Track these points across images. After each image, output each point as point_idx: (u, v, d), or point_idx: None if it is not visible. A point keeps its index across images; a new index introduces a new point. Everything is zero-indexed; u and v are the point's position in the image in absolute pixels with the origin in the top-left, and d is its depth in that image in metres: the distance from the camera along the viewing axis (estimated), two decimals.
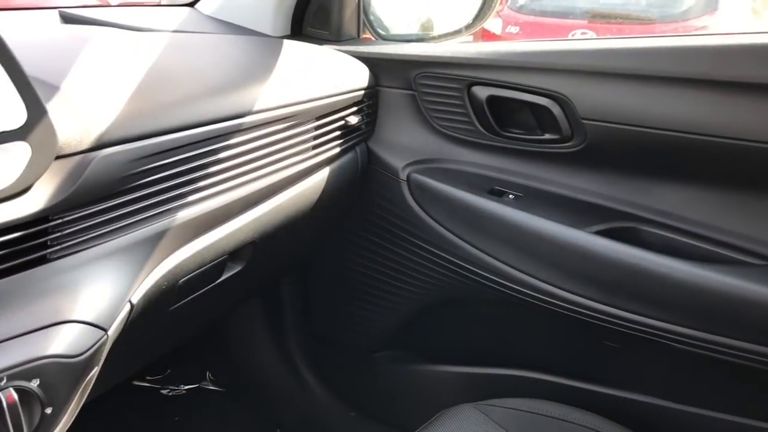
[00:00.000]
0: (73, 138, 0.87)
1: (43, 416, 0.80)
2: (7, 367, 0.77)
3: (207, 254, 1.09)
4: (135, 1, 5.22)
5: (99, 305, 0.88)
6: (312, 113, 1.27)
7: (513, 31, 6.68)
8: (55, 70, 0.97)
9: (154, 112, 0.99)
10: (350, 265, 1.65)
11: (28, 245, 0.84)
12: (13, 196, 0.81)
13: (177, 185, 1.01)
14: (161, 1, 2.32)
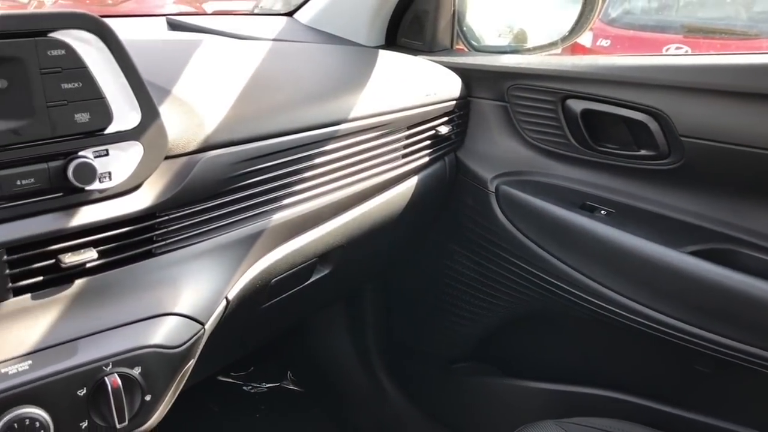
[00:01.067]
0: (182, 139, 0.92)
1: (143, 403, 0.84)
2: (113, 354, 0.81)
3: (298, 256, 1.12)
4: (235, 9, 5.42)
5: (198, 300, 0.92)
6: (404, 122, 1.29)
7: (604, 44, 6.53)
8: (165, 74, 1.02)
9: (257, 118, 1.03)
10: (434, 273, 1.65)
11: (137, 239, 0.89)
12: (125, 193, 0.86)
13: (274, 188, 1.04)
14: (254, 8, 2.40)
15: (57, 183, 0.80)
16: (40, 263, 0.81)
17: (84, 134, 0.82)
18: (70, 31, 0.80)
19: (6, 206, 0.78)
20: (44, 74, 0.78)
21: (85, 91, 0.81)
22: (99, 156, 0.83)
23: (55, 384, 0.77)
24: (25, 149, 0.78)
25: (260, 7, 2.80)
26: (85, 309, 0.84)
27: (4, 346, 0.77)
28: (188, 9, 5.28)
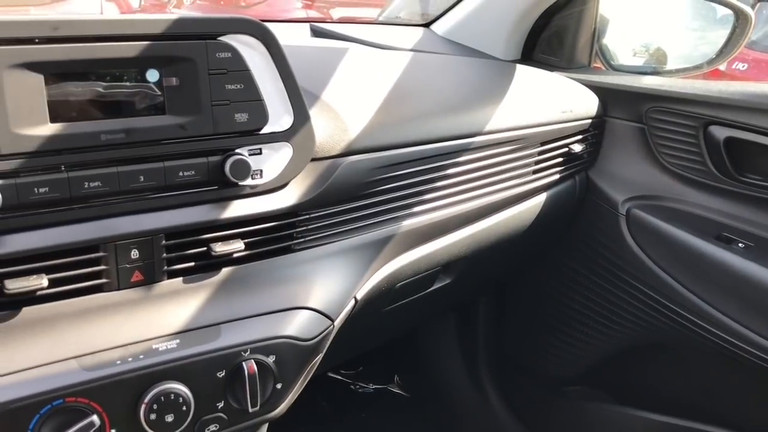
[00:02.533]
0: (327, 143, 0.96)
1: (274, 390, 0.88)
2: (251, 340, 0.86)
3: (423, 263, 1.14)
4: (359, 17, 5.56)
5: (330, 297, 0.96)
6: (537, 138, 1.28)
7: (740, 68, 6.18)
8: (314, 80, 1.07)
9: (396, 126, 1.06)
10: (552, 292, 1.63)
11: (279, 235, 0.93)
12: (273, 190, 0.91)
13: (407, 195, 1.07)
14: (378, 16, 2.45)
15: (214, 177, 0.86)
16: (193, 250, 0.87)
17: (242, 133, 0.87)
18: (237, 36, 0.85)
19: (168, 195, 0.84)
20: (212, 75, 0.84)
21: (246, 92, 0.86)
22: (253, 154, 0.88)
23: (199, 364, 0.82)
24: (189, 143, 0.84)
25: (385, 15, 2.87)
26: (228, 296, 0.89)
27: (156, 324, 0.84)
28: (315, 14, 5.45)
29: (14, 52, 0.73)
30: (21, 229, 0.77)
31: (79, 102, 0.78)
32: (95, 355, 0.79)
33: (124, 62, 0.79)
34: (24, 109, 0.74)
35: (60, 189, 0.77)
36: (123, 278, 0.83)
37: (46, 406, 0.74)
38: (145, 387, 0.79)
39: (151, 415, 0.79)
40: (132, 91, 0.81)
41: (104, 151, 0.79)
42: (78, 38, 0.76)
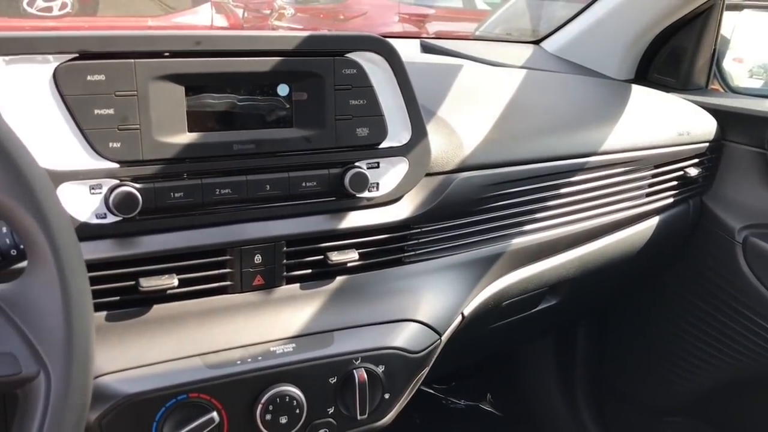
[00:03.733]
0: (442, 159, 0.97)
1: (382, 400, 0.90)
2: (362, 349, 0.88)
3: (531, 283, 1.13)
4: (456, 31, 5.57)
5: (438, 311, 0.97)
6: (652, 160, 1.25)
7: None
8: (428, 95, 1.08)
9: (510, 143, 1.06)
10: (658, 319, 1.58)
11: (391, 247, 0.95)
12: (388, 203, 0.93)
13: (518, 213, 1.07)
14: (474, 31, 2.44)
15: (334, 188, 0.89)
16: (311, 258, 0.90)
17: (361, 147, 0.89)
18: (362, 53, 0.88)
19: (291, 204, 0.87)
20: (337, 90, 0.87)
21: (368, 107, 0.89)
22: (371, 167, 0.91)
23: (313, 369, 0.85)
24: (312, 155, 0.87)
25: (482, 30, 2.87)
26: (341, 304, 0.92)
27: (274, 327, 0.87)
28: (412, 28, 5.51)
29: (160, 64, 0.78)
30: (156, 231, 0.82)
31: (214, 113, 0.82)
32: (218, 353, 0.83)
33: (259, 76, 0.83)
34: (165, 119, 0.79)
35: (193, 194, 0.81)
36: (246, 281, 0.87)
37: (171, 400, 0.78)
38: (262, 388, 0.82)
39: (266, 415, 0.82)
40: (263, 104, 0.84)
41: (235, 160, 0.83)
42: (217, 52, 0.81)
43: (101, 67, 0.75)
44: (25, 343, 0.50)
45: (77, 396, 0.51)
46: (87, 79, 0.75)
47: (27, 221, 0.51)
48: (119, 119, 0.77)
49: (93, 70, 0.75)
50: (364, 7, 5.81)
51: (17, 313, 0.51)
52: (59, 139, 0.75)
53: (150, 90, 0.78)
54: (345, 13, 5.99)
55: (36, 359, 0.50)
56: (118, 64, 0.76)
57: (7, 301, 0.51)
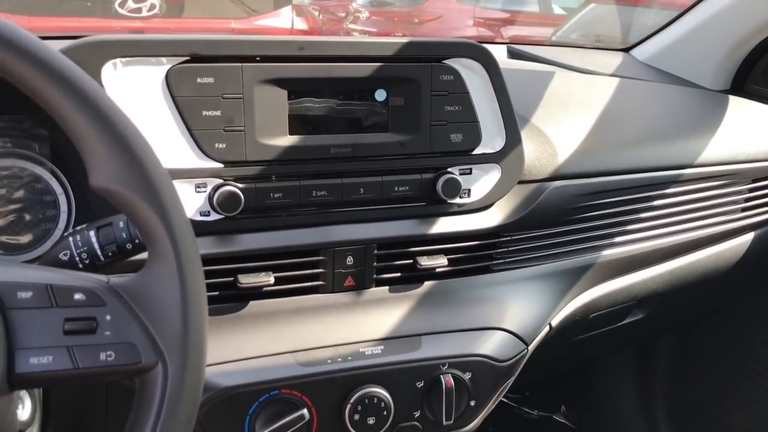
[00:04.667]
0: (535, 167, 0.96)
1: (467, 407, 0.90)
2: (450, 355, 0.88)
3: (620, 296, 1.11)
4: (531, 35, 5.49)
5: (525, 321, 0.96)
6: (749, 174, 1.21)
7: None
8: (520, 102, 1.08)
9: (603, 152, 1.05)
10: (748, 338, 1.52)
11: (480, 254, 0.95)
12: (478, 210, 0.93)
13: (610, 224, 1.05)
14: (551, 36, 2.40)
15: (426, 193, 0.89)
16: (401, 261, 0.91)
17: (455, 153, 0.90)
18: (460, 59, 0.88)
19: (383, 208, 0.88)
20: (434, 96, 0.87)
21: (463, 114, 0.89)
22: (463, 173, 0.91)
23: (401, 372, 0.86)
24: (406, 160, 0.88)
25: (558, 36, 2.82)
26: (429, 309, 0.92)
27: (363, 328, 0.88)
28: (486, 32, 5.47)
29: (266, 69, 0.80)
30: (254, 230, 0.84)
31: (314, 117, 0.84)
32: (309, 352, 0.84)
33: (358, 82, 0.84)
34: (268, 121, 0.81)
35: (292, 195, 0.83)
36: (337, 282, 0.88)
37: (264, 395, 0.80)
38: (351, 388, 0.84)
39: (355, 415, 0.83)
40: (361, 108, 0.86)
41: (332, 163, 0.85)
42: (320, 58, 0.82)
43: (210, 71, 0.78)
44: (145, 334, 0.52)
45: (192, 388, 0.53)
46: (197, 82, 0.78)
47: (150, 217, 0.53)
48: (225, 121, 0.79)
49: (203, 73, 0.78)
50: (439, 11, 5.81)
51: (138, 304, 0.53)
52: (169, 139, 0.78)
53: (255, 93, 0.80)
54: (420, 17, 5.99)
55: (155, 350, 0.52)
56: (226, 67, 0.79)
57: (129, 292, 0.53)
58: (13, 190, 0.81)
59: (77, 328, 0.51)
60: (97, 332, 0.52)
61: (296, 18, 4.32)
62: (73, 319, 0.51)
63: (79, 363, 0.51)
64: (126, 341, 0.52)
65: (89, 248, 0.65)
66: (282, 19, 4.21)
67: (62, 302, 0.51)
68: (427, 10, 6.06)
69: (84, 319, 0.52)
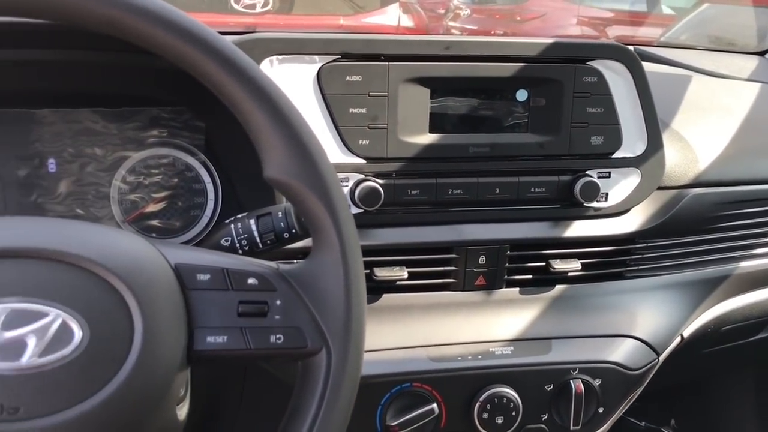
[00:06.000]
0: (675, 173, 0.94)
1: (596, 413, 0.88)
2: (580, 360, 0.87)
3: (755, 310, 1.06)
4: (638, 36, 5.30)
5: (657, 330, 0.94)
6: None
7: None
8: (659, 106, 1.05)
9: (747, 160, 1.01)
10: None
11: (614, 260, 0.93)
12: (615, 215, 0.92)
13: (750, 235, 1.01)
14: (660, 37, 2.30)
15: (562, 195, 0.89)
16: (533, 263, 0.90)
17: (594, 155, 0.89)
18: (604, 61, 0.87)
19: (518, 208, 0.88)
20: (576, 97, 0.86)
21: (605, 116, 0.88)
22: (602, 177, 0.89)
23: (530, 374, 0.86)
24: (544, 161, 0.88)
25: (668, 36, 2.70)
26: (559, 313, 0.91)
27: (493, 328, 0.88)
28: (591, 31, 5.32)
29: (411, 67, 0.82)
30: (390, 225, 0.86)
31: (455, 115, 0.85)
32: (440, 347, 0.85)
33: (500, 81, 0.85)
34: (410, 119, 0.83)
35: (428, 193, 0.85)
36: (468, 281, 0.89)
37: (396, 386, 0.82)
38: (481, 386, 0.84)
39: (483, 413, 0.84)
40: (501, 108, 0.86)
41: (470, 162, 0.85)
42: (463, 57, 0.83)
43: (359, 69, 0.80)
44: (311, 320, 0.55)
45: (353, 374, 0.55)
46: (346, 79, 0.80)
47: (318, 209, 0.55)
48: (370, 118, 0.81)
49: (352, 71, 0.80)
50: (542, 9, 5.70)
51: (304, 291, 0.55)
52: (316, 134, 0.81)
53: (399, 91, 0.82)
54: (522, 15, 5.89)
55: (320, 336, 0.55)
56: (374, 66, 0.81)
57: (297, 279, 0.56)
58: (167, 178, 0.87)
59: (250, 311, 0.54)
60: (268, 316, 0.54)
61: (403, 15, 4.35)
62: (246, 302, 0.54)
63: (251, 344, 0.54)
64: (294, 326, 0.55)
65: (249, 236, 0.68)
66: (389, 16, 4.24)
67: (237, 286, 0.55)
68: (530, 8, 5.95)
69: (256, 303, 0.54)
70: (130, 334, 0.49)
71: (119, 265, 0.50)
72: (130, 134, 0.84)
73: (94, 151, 0.83)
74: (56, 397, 0.46)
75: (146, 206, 0.86)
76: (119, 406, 0.48)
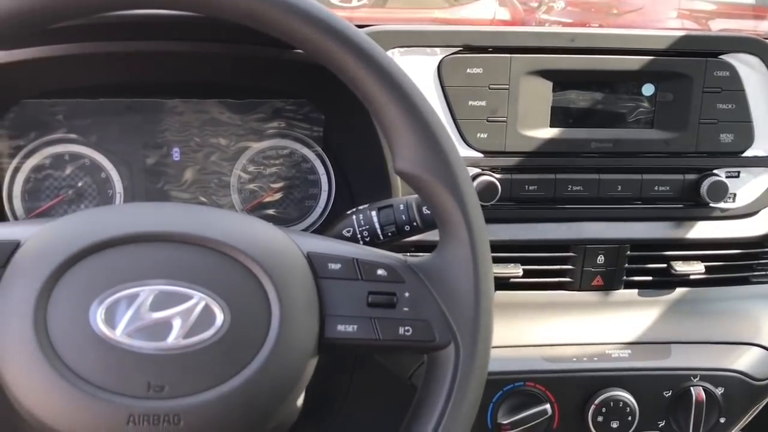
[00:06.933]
0: None
1: (717, 423, 0.84)
2: (701, 367, 0.83)
3: None
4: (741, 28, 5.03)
5: None
6: None
7: None
8: None
9: None
10: None
11: (740, 264, 0.89)
12: (743, 216, 0.87)
13: None
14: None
15: (687, 195, 0.85)
16: (653, 265, 0.87)
17: (724, 154, 0.84)
18: (737, 54, 0.83)
19: (640, 207, 0.85)
20: (706, 93, 0.82)
21: (736, 113, 0.83)
22: (730, 176, 0.85)
23: (648, 379, 0.83)
24: (669, 159, 0.84)
25: None
26: (679, 317, 0.88)
27: (610, 330, 0.86)
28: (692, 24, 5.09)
29: (534, 60, 0.80)
30: (507, 221, 0.84)
31: (577, 110, 0.83)
32: (553, 347, 0.84)
33: (626, 75, 0.82)
34: (530, 113, 0.81)
35: (547, 189, 0.83)
36: (585, 280, 0.86)
37: (509, 384, 0.81)
38: (596, 389, 0.82)
39: (598, 417, 0.81)
40: (626, 103, 0.83)
41: (591, 158, 0.83)
42: (589, 50, 0.81)
43: (480, 61, 0.79)
44: (439, 314, 0.54)
45: (481, 371, 0.55)
46: (466, 72, 0.79)
47: (449, 203, 0.55)
48: (489, 111, 0.80)
49: (473, 64, 0.79)
50: (640, 1, 5.51)
51: (433, 284, 0.55)
52: None
53: (520, 84, 0.80)
54: (619, 8, 5.72)
55: (448, 330, 0.54)
56: (495, 58, 0.80)
57: (425, 272, 0.56)
58: (285, 169, 0.88)
59: (379, 302, 0.54)
60: (397, 307, 0.54)
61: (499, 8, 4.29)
62: (376, 293, 0.54)
63: (380, 334, 0.54)
64: (422, 318, 0.54)
65: (371, 227, 0.68)
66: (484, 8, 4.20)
67: (367, 276, 0.55)
68: (628, 1, 5.77)
69: (386, 294, 0.55)
70: (268, 320, 0.50)
71: (259, 252, 0.51)
72: (253, 125, 0.86)
73: (219, 141, 0.86)
74: (199, 377, 0.48)
75: (264, 196, 0.89)
76: (257, 389, 0.49)
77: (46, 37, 0.72)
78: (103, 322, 0.47)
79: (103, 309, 0.48)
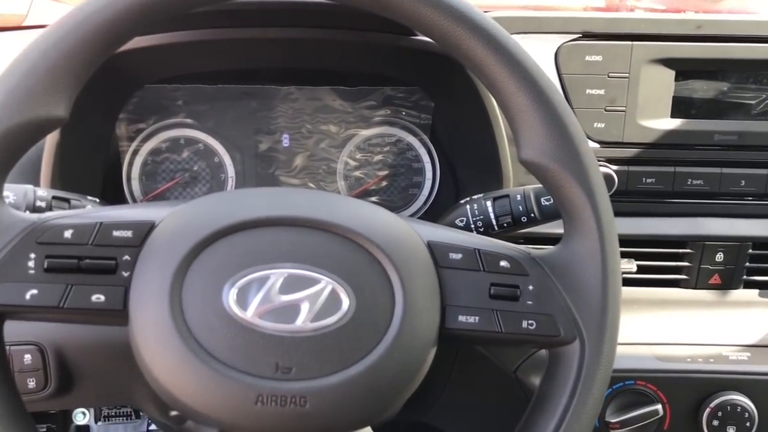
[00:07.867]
0: None
1: None
2: None
3: None
4: None
5: None
6: None
7: None
8: None
9: None
10: None
11: None
12: None
13: None
14: None
15: None
16: None
17: None
18: None
19: (764, 203, 0.81)
20: None
21: None
22: None
23: None
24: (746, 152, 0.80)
25: None
26: None
27: (727, 331, 0.82)
28: None
29: (657, 48, 0.77)
30: (621, 214, 0.81)
31: (700, 100, 0.79)
32: (666, 347, 0.80)
33: (756, 64, 0.77)
34: (651, 103, 0.78)
35: (665, 182, 0.80)
36: (702, 278, 0.83)
37: (619, 382, 0.78)
38: (711, 392, 0.78)
39: (713, 421, 0.78)
40: (754, 94, 0.79)
41: (713, 151, 0.79)
42: (716, 37, 0.77)
43: (600, 48, 0.77)
44: (564, 308, 0.53)
45: (606, 368, 0.53)
46: (585, 59, 0.77)
47: (577, 195, 0.53)
48: (608, 100, 0.78)
49: (592, 51, 0.77)
50: None
51: (558, 278, 0.54)
52: None
53: (641, 73, 0.77)
54: None
55: (573, 325, 0.53)
56: (616, 45, 0.77)
57: (550, 265, 0.54)
58: (390, 156, 0.88)
59: (502, 294, 0.53)
60: (520, 300, 0.53)
61: None
62: (498, 285, 0.53)
63: (502, 327, 0.53)
64: (547, 313, 0.53)
65: (485, 217, 0.67)
66: None
67: (489, 267, 0.54)
68: None
69: (509, 286, 0.53)
70: (392, 307, 0.50)
71: (383, 240, 0.51)
72: (363, 113, 0.86)
73: (329, 127, 0.86)
74: (325, 361, 0.48)
75: (370, 183, 0.89)
76: (380, 374, 0.49)
77: (171, 24, 0.74)
78: (236, 303, 0.48)
79: (236, 290, 0.49)
